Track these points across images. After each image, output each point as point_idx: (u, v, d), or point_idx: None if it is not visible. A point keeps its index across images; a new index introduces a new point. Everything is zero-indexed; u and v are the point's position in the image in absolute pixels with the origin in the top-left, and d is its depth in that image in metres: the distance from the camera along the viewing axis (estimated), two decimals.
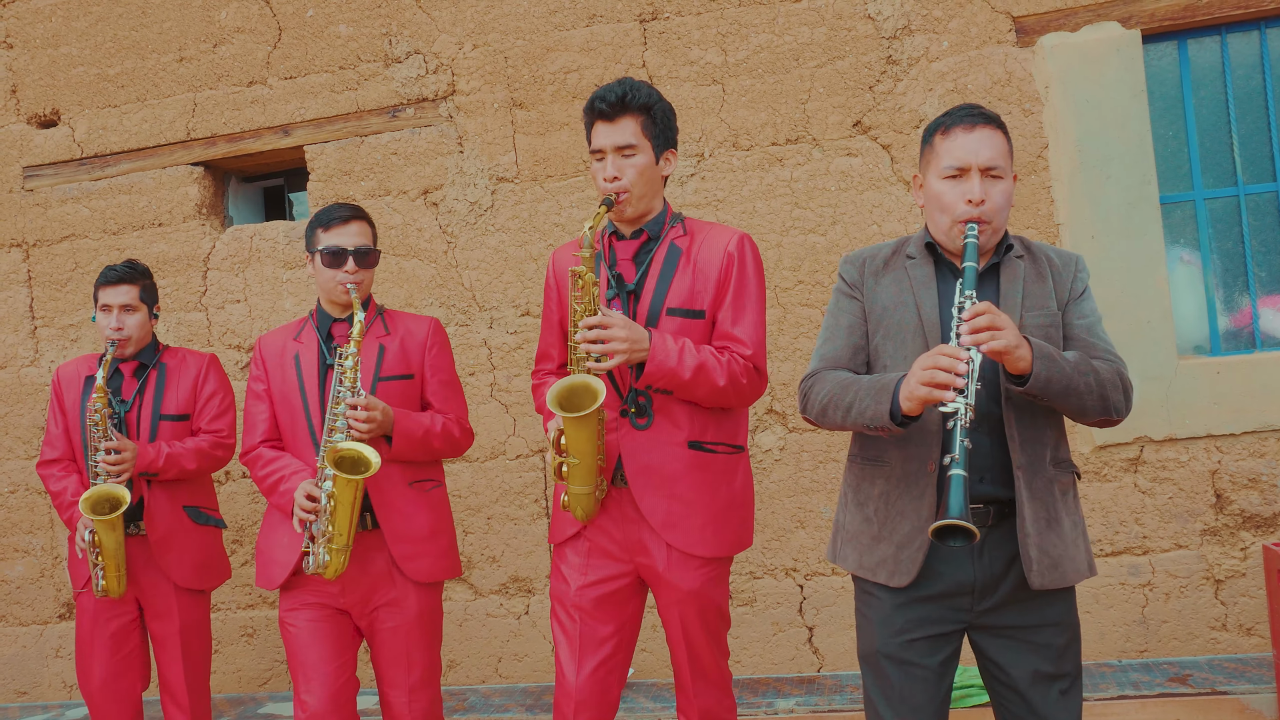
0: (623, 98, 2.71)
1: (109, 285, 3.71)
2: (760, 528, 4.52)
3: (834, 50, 4.47)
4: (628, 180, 2.72)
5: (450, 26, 4.83)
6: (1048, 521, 2.26)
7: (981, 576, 2.27)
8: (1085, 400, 2.22)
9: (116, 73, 5.20)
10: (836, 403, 2.31)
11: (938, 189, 2.34)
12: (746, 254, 2.79)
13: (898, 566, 2.29)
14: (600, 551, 2.79)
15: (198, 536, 3.75)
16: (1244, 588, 4.19)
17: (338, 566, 2.98)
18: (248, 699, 4.98)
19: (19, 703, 5.32)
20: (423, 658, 3.15)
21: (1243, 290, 4.42)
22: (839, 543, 2.46)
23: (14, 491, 5.30)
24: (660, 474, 2.71)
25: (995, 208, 2.29)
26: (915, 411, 2.14)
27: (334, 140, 4.97)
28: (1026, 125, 4.31)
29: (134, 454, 3.55)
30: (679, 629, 2.78)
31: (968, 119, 2.32)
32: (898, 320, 2.36)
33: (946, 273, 2.38)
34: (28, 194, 5.31)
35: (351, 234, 3.15)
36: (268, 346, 3.26)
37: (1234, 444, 4.20)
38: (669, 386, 2.67)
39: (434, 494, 3.23)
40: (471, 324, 4.81)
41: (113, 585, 3.58)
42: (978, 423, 2.19)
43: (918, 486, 2.29)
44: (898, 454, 2.33)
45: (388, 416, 3.05)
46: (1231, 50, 4.41)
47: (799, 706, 4.09)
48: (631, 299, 2.76)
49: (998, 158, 2.30)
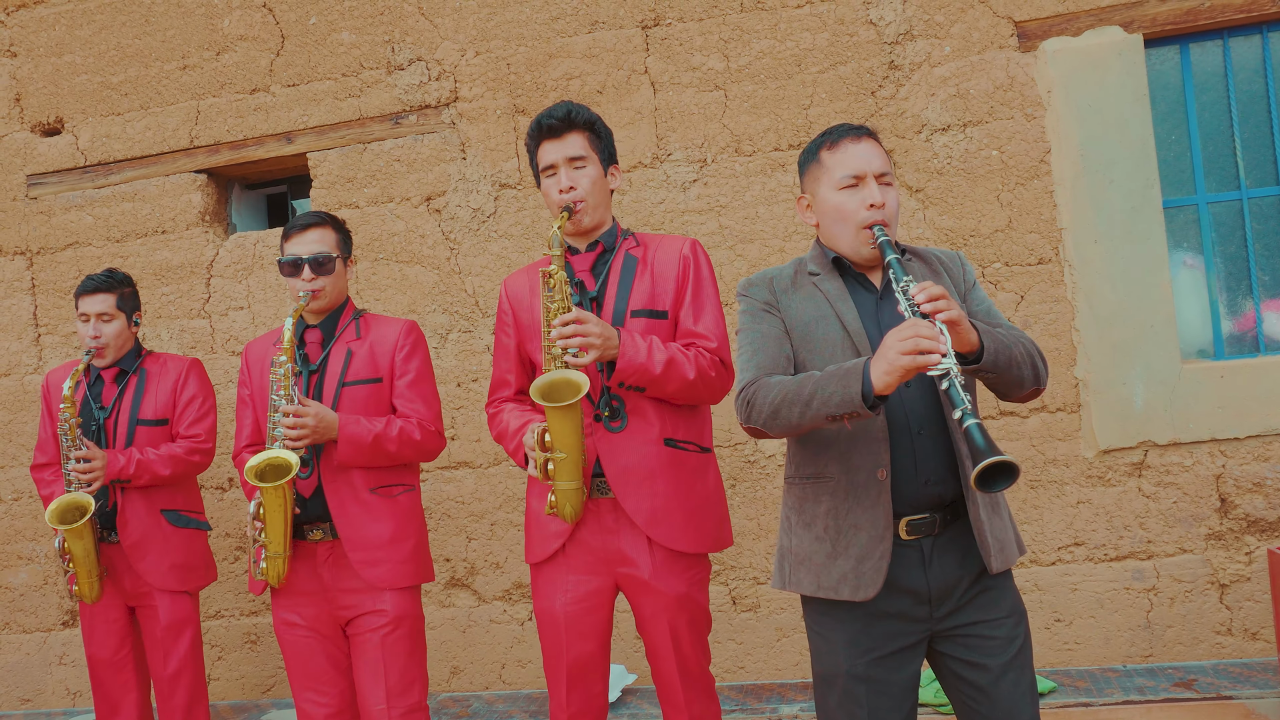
0: (568, 114, 2.86)
1: (86, 294, 3.78)
2: (764, 533, 4.52)
3: (836, 56, 4.48)
4: (582, 190, 2.83)
5: (453, 33, 4.84)
6: (992, 507, 2.31)
7: (935, 582, 2.28)
8: (1023, 370, 2.25)
9: (120, 81, 5.21)
10: (792, 399, 2.24)
11: (835, 201, 2.37)
12: (700, 256, 2.92)
13: (860, 580, 2.27)
14: (581, 567, 2.84)
15: (177, 540, 3.78)
16: (1249, 592, 4.18)
17: (277, 573, 3.06)
18: (250, 706, 4.98)
19: (23, 710, 5.31)
20: (398, 663, 3.12)
21: (1246, 294, 4.41)
22: (787, 568, 2.41)
23: (18, 499, 5.30)
24: (639, 472, 2.77)
25: (892, 212, 2.36)
26: (891, 388, 2.11)
27: (337, 147, 4.98)
28: (1029, 130, 4.32)
29: (104, 462, 3.60)
30: (667, 637, 2.81)
31: (853, 132, 2.40)
32: (822, 334, 2.36)
33: (856, 285, 2.41)
34: (32, 202, 5.32)
35: (309, 242, 3.19)
36: (252, 352, 3.34)
37: (1238, 448, 4.19)
38: (641, 382, 2.72)
39: (401, 499, 3.21)
40: (474, 330, 4.81)
41: (85, 590, 3.67)
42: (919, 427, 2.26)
43: (869, 496, 2.27)
44: (840, 467, 2.31)
45: (325, 422, 3.05)
46: (1234, 54, 4.41)
47: (803, 712, 4.08)
48: (594, 305, 2.84)
49: (886, 165, 2.39)
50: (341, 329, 3.24)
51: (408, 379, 3.23)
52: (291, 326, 3.07)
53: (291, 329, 3.07)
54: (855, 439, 2.29)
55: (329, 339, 3.23)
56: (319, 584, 3.13)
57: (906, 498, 2.27)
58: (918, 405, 2.29)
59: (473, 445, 4.79)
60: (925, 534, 2.28)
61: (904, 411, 2.29)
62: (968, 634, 2.31)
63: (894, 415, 2.29)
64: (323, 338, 3.24)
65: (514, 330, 2.97)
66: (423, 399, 3.25)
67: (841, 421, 2.20)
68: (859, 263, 2.40)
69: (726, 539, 2.92)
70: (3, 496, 5.33)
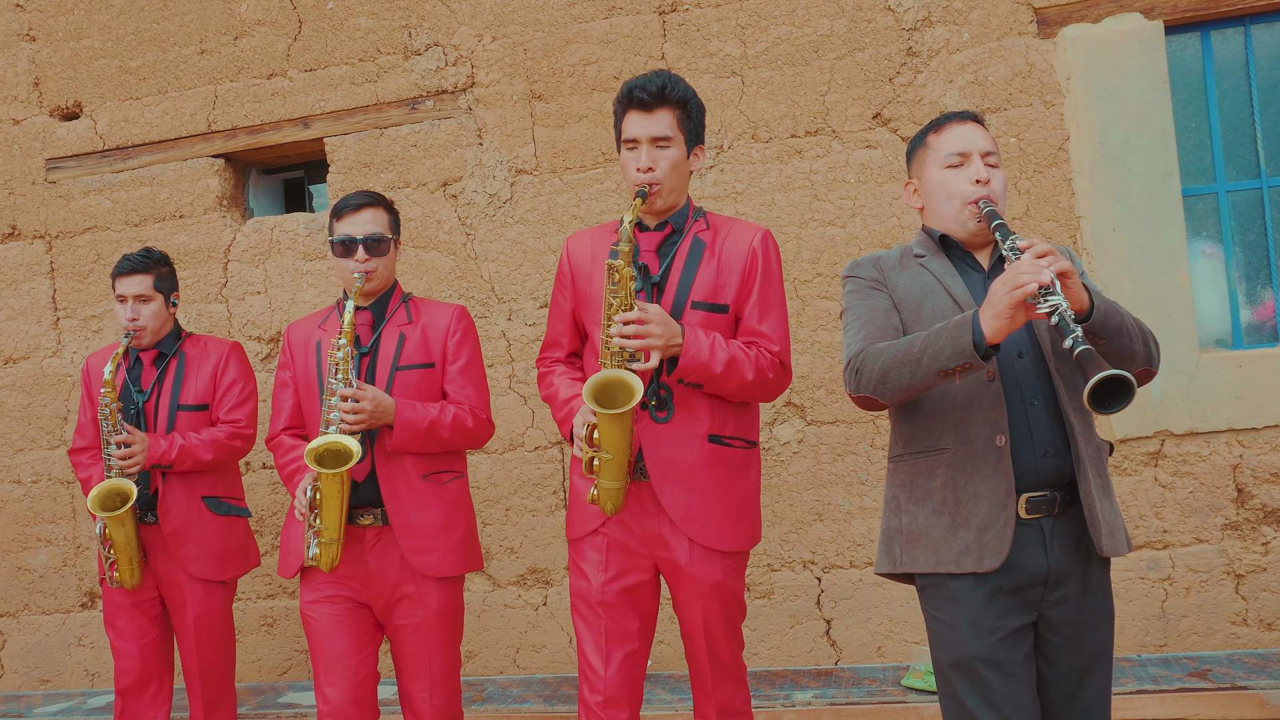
0: (662, 89, 2.71)
1: (123, 276, 3.70)
2: (779, 520, 4.52)
3: (854, 42, 4.46)
4: (661, 172, 2.72)
5: (470, 19, 4.84)
6: (1103, 488, 2.28)
7: (1054, 565, 2.25)
8: (1134, 342, 2.22)
9: (138, 65, 5.23)
10: (902, 360, 2.22)
11: (940, 179, 2.38)
12: (770, 251, 2.81)
13: (984, 551, 2.22)
14: (620, 547, 2.78)
15: (217, 527, 3.71)
16: (1265, 582, 4.17)
17: (330, 559, 3.00)
18: (268, 688, 5.01)
19: (42, 690, 5.37)
20: (442, 653, 3.13)
21: (1265, 283, 4.39)
22: (898, 549, 2.35)
23: (37, 481, 5.34)
24: (680, 467, 2.71)
25: (998, 192, 2.35)
26: (1000, 334, 2.09)
27: (354, 132, 4.99)
28: (1047, 117, 4.29)
29: (145, 447, 3.54)
30: (699, 623, 2.78)
31: (959, 116, 2.41)
32: (932, 307, 2.34)
33: (962, 265, 2.39)
34: (50, 186, 5.35)
35: (363, 222, 3.13)
36: (294, 334, 3.27)
37: (1256, 438, 4.17)
38: (701, 380, 2.66)
39: (451, 486, 3.18)
40: (490, 316, 4.82)
41: (125, 577, 3.59)
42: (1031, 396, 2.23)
43: (988, 464, 2.23)
44: (956, 438, 2.27)
45: (382, 407, 3.00)
46: (1255, 41, 4.38)
47: (816, 699, 4.09)
48: (656, 290, 2.76)
49: (993, 146, 2.38)
50: (391, 312, 3.19)
51: (459, 364, 3.19)
52: (353, 309, 3.02)
53: (352, 312, 3.02)
54: (970, 408, 2.25)
55: (379, 322, 3.18)
56: (363, 569, 3.09)
57: (1025, 469, 2.23)
58: (1030, 376, 2.26)
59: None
60: (1045, 513, 2.24)
61: (1017, 382, 2.26)
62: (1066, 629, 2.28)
63: (1008, 385, 2.26)
64: (373, 320, 3.18)
65: (571, 295, 2.90)
66: (474, 385, 3.21)
67: (953, 376, 2.17)
68: (965, 240, 2.38)
69: (758, 535, 2.88)
70: (21, 479, 5.37)
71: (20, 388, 5.37)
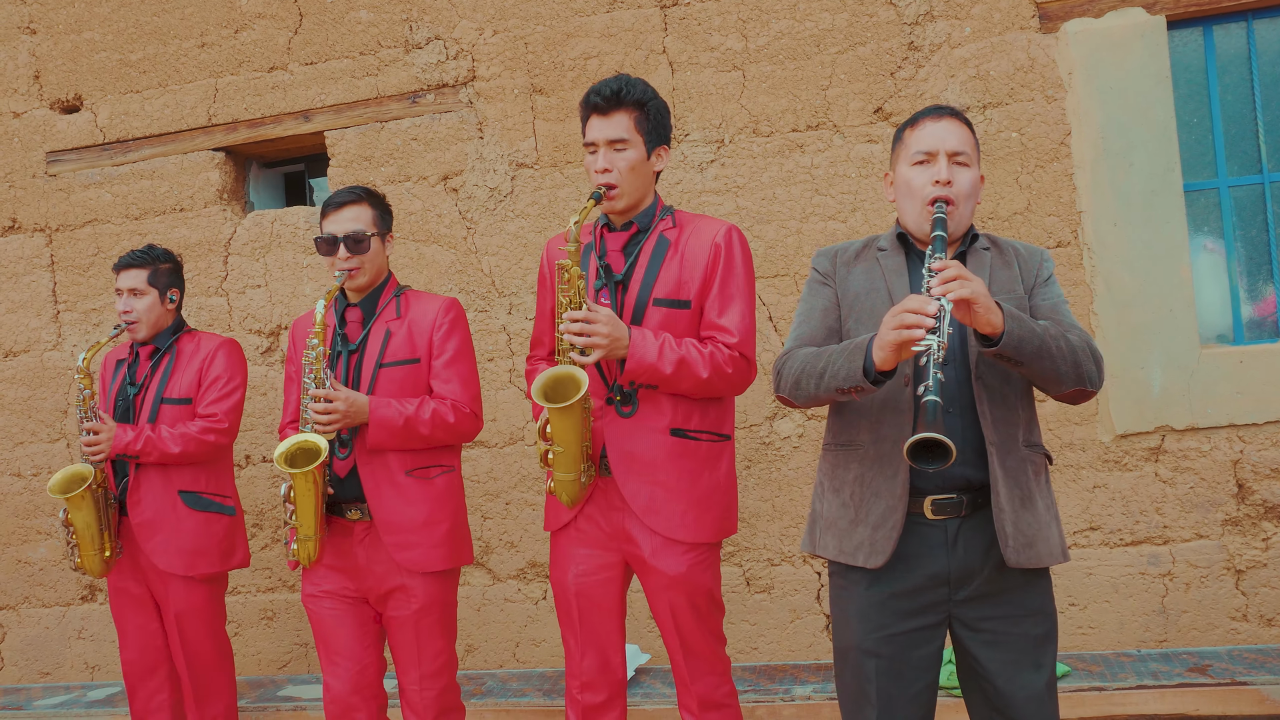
0: (617, 93, 2.78)
1: (120, 269, 3.78)
2: (779, 515, 4.52)
3: (855, 36, 4.45)
4: (617, 174, 2.78)
5: (470, 12, 4.83)
6: (1022, 500, 2.28)
7: (956, 566, 2.29)
8: (1059, 365, 2.22)
9: (139, 58, 5.22)
10: (809, 371, 2.32)
11: (906, 176, 2.40)
12: (734, 245, 2.84)
13: (874, 548, 2.30)
14: (589, 541, 2.86)
15: (193, 522, 3.69)
16: (1265, 578, 4.17)
17: (308, 555, 3.07)
18: (267, 681, 5.02)
19: (42, 683, 5.37)
20: (432, 646, 3.15)
21: (1267, 279, 4.38)
22: (817, 531, 2.46)
23: (37, 474, 5.34)
24: (641, 460, 2.77)
25: (962, 192, 2.35)
26: (888, 364, 2.14)
27: (354, 126, 4.98)
28: (1049, 112, 4.29)
29: (110, 435, 3.58)
30: (669, 616, 2.84)
31: (934, 112, 2.41)
32: (869, 305, 2.39)
33: (917, 263, 2.41)
34: (51, 179, 5.35)
35: (344, 220, 3.15)
36: (296, 329, 3.31)
37: (1257, 434, 4.17)
38: (651, 381, 2.72)
39: (439, 481, 3.17)
40: (490, 310, 4.82)
41: (89, 564, 3.62)
42: (949, 404, 2.24)
43: (891, 466, 2.30)
44: (870, 436, 2.35)
45: (355, 407, 3.02)
46: (1258, 36, 4.37)
47: (815, 693, 4.09)
48: (619, 289, 2.81)
49: (964, 145, 2.37)
50: (382, 307, 3.19)
51: (444, 358, 3.17)
52: (323, 308, 3.03)
53: (322, 310, 3.03)
54: (885, 410, 2.32)
55: (369, 318, 3.18)
56: (354, 561, 3.13)
57: (933, 474, 2.26)
58: (950, 385, 2.28)
59: (488, 425, 4.80)
60: (952, 515, 2.28)
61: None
62: (985, 627, 2.31)
63: None
64: (363, 316, 3.19)
65: (550, 295, 2.97)
66: (460, 379, 3.18)
67: (851, 394, 2.24)
68: (922, 239, 2.40)
69: (730, 527, 2.91)
70: (22, 472, 5.37)
71: (20, 381, 5.37)
